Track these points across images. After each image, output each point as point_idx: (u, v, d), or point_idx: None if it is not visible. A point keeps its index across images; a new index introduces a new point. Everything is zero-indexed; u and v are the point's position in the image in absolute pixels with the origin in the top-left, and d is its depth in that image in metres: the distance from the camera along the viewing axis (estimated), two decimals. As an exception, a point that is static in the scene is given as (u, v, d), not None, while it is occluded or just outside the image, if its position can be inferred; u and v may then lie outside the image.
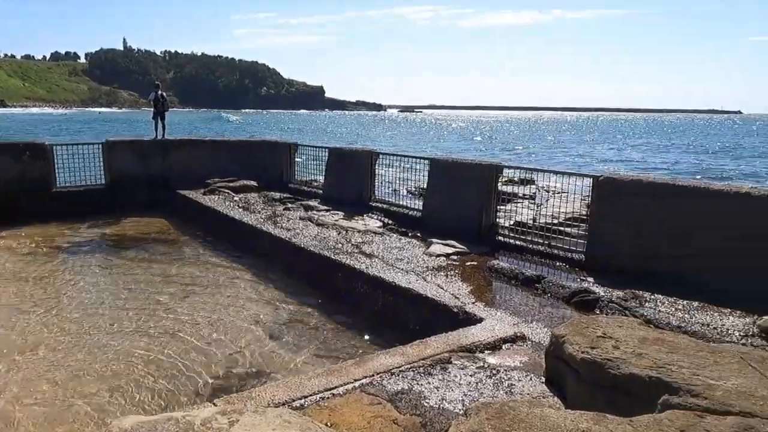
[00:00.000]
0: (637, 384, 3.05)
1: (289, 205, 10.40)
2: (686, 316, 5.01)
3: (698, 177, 24.07)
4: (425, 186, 9.06)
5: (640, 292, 5.55)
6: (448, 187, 8.43)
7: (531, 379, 3.88)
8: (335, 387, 3.66)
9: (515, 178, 10.90)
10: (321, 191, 11.29)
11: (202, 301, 6.90)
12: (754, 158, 36.49)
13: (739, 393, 2.81)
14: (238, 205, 10.40)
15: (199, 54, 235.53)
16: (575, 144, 53.26)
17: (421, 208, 9.07)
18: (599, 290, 5.67)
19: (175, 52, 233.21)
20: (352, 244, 7.59)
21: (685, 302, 5.31)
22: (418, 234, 8.24)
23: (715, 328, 4.74)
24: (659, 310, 5.12)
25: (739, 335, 4.59)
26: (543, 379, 3.84)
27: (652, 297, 5.44)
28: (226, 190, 11.61)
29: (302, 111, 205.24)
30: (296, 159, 12.47)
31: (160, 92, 13.34)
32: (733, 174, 26.83)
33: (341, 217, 9.35)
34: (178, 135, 16.15)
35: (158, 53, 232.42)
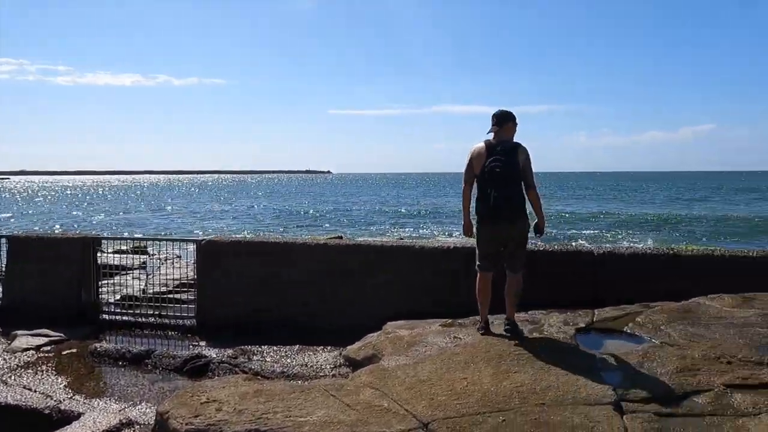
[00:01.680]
0: (238, 440, 3.16)
1: None
2: (288, 360, 5.50)
3: (298, 233, 27.29)
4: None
5: (249, 346, 5.85)
6: (34, 266, 7.29)
7: (139, 467, 3.60)
8: None
9: (123, 248, 10.25)
10: None
11: None
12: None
13: (323, 423, 3.21)
14: None
15: None
16: (184, 206, 53.66)
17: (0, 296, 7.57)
18: (211, 352, 5.74)
19: None
20: None
21: (287, 348, 5.83)
22: (-1, 328, 6.85)
23: (312, 366, 5.33)
24: (266, 361, 5.48)
25: (331, 368, 5.28)
26: (153, 464, 3.61)
27: (260, 349, 5.79)
28: None
29: None
30: None
31: None
32: (331, 226, 31.33)
33: None
34: None
35: None
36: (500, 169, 4.43)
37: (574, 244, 12.68)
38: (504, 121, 4.65)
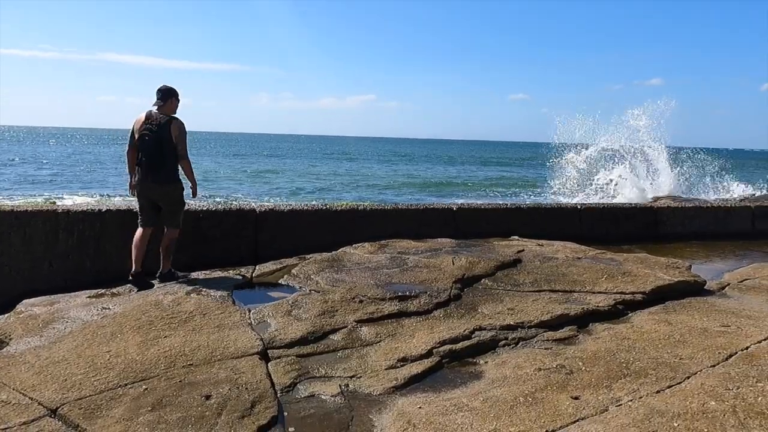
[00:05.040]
0: None
1: None
2: None
3: None
4: None
5: None
6: None
7: None
8: None
9: None
10: None
11: None
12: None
13: None
14: None
15: None
16: None
17: None
18: None
19: None
20: None
21: None
22: None
23: None
24: None
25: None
26: None
27: None
28: None
29: None
30: None
31: None
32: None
33: None
34: None
35: None
36: (148, 138, 4.94)
37: (237, 203, 12.73)
38: (167, 96, 5.09)
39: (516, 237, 7.10)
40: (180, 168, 5.13)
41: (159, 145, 4.92)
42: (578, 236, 7.52)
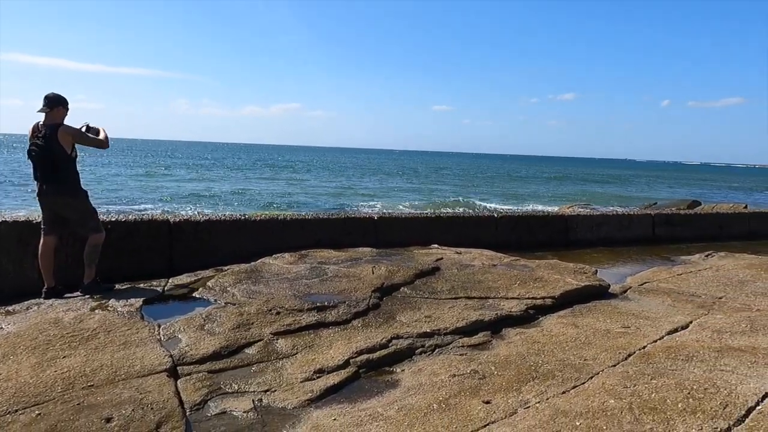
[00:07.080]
0: None
1: None
2: None
3: None
4: None
5: None
6: None
7: None
8: None
9: None
10: None
11: None
12: None
13: None
14: None
15: None
16: None
17: None
18: None
19: None
20: None
21: None
22: None
23: None
24: None
25: None
26: None
27: None
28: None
29: None
30: None
31: None
32: None
33: None
34: None
35: None
36: (36, 153, 4.70)
37: (149, 213, 12.14)
38: (54, 104, 4.77)
39: (435, 245, 7.23)
40: (78, 176, 4.93)
41: (50, 159, 4.69)
42: (495, 244, 7.77)
